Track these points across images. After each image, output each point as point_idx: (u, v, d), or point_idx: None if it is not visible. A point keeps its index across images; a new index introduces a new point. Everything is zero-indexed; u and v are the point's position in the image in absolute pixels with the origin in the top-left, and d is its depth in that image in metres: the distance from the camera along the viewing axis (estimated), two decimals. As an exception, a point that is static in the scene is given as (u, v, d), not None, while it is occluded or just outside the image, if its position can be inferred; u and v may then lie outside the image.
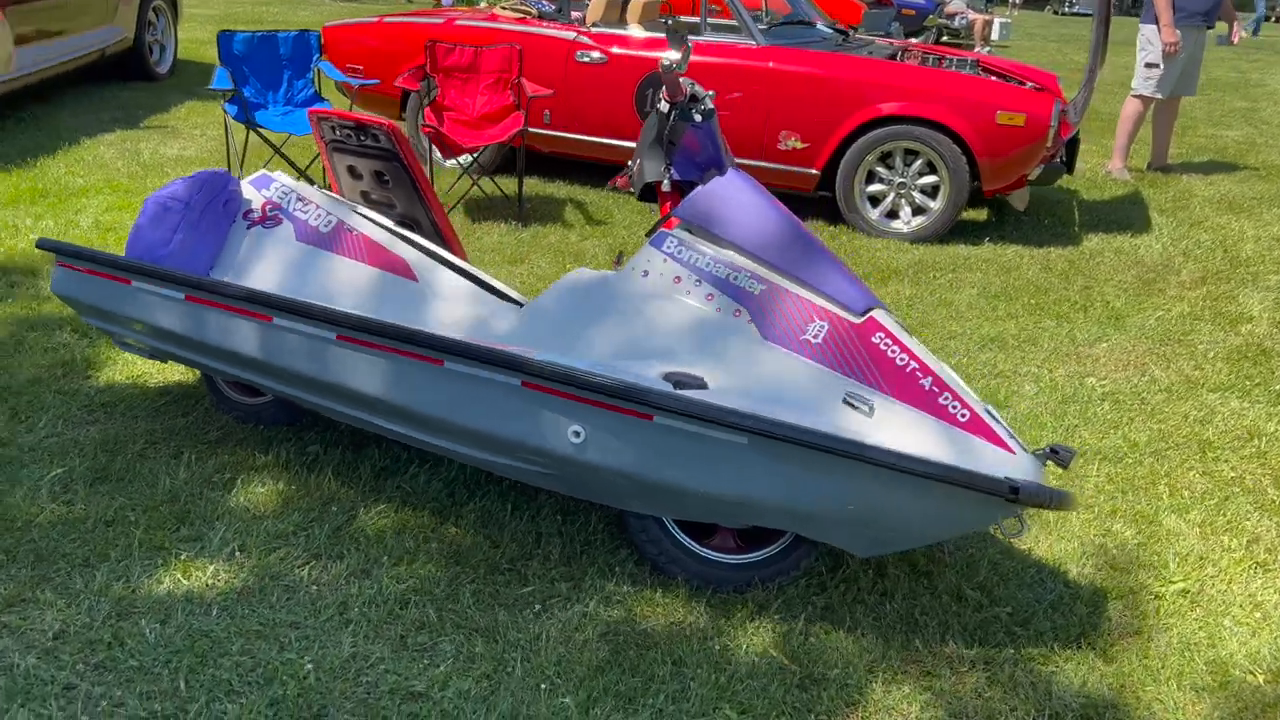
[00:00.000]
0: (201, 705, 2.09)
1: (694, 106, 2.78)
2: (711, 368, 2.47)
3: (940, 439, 2.33)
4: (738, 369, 2.46)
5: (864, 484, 2.26)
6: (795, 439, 2.19)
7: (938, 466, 2.18)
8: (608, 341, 2.56)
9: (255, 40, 5.46)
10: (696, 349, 2.50)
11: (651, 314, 2.57)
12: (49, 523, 2.65)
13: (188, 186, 3.02)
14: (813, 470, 2.26)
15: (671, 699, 2.20)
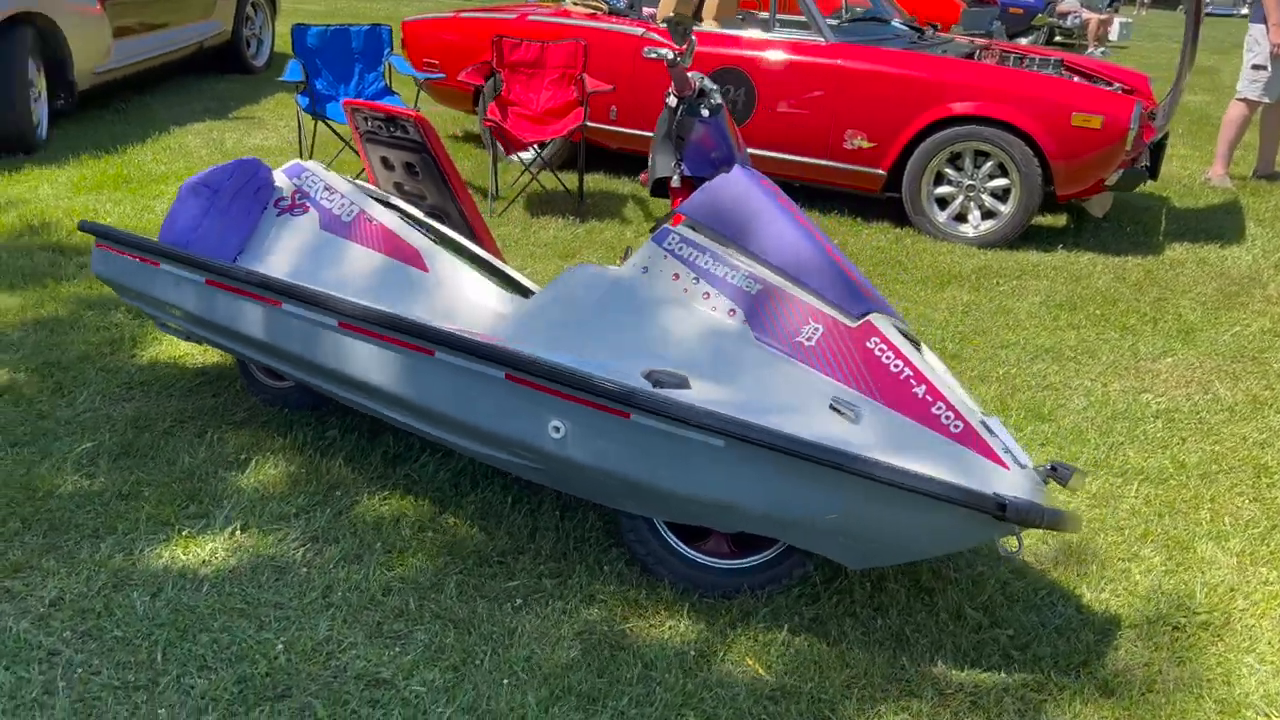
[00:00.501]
0: (173, 678, 2.14)
1: (702, 102, 2.73)
2: (699, 367, 2.42)
3: (929, 450, 2.23)
4: (726, 369, 2.41)
5: (844, 493, 2.18)
6: (770, 444, 2.13)
7: (918, 478, 2.09)
8: (600, 337, 2.53)
9: (328, 34, 5.59)
10: (687, 347, 2.46)
11: (646, 311, 2.53)
12: (68, 494, 2.76)
13: (219, 173, 3.11)
14: (790, 477, 2.20)
15: (635, 702, 2.17)
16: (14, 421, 3.10)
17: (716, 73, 5.78)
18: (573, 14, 6.31)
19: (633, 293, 2.57)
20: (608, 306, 2.57)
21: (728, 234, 2.57)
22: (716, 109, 2.74)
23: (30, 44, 5.78)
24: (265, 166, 3.18)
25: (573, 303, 2.63)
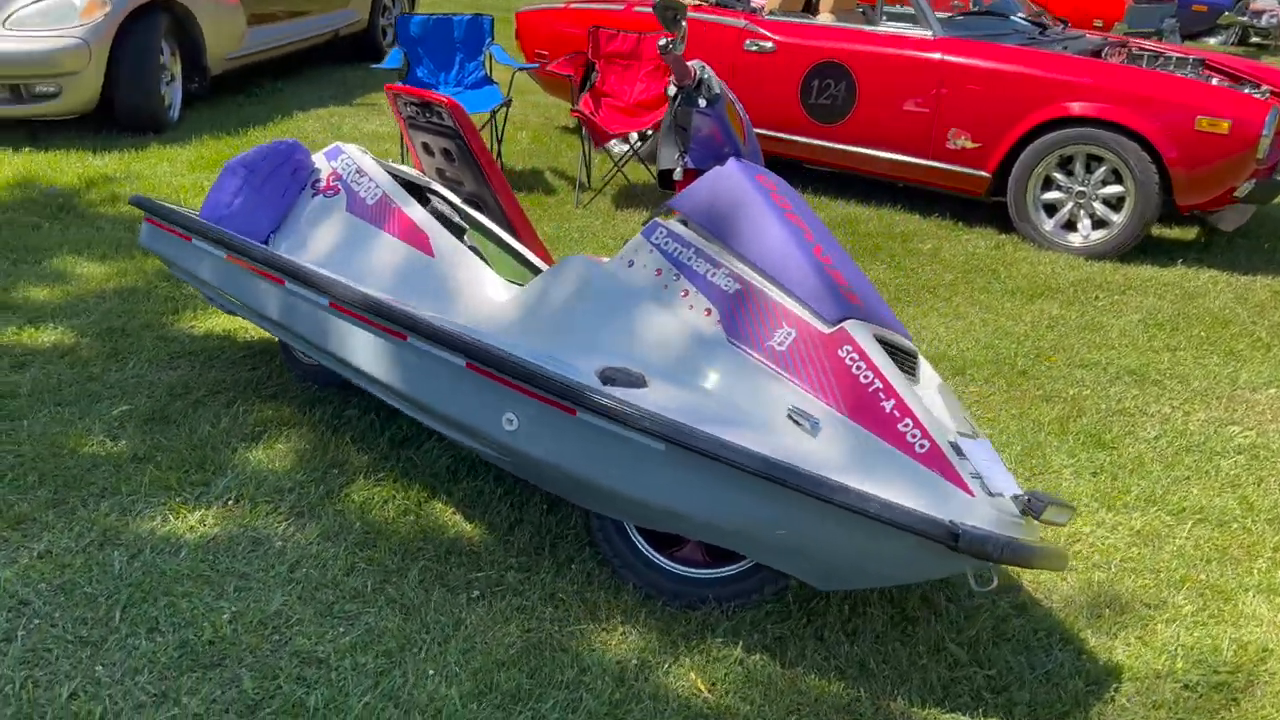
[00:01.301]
0: (121, 637, 2.21)
1: (701, 91, 2.62)
2: (664, 367, 2.33)
3: (889, 469, 2.08)
4: (690, 371, 2.31)
5: (788, 508, 2.05)
6: (704, 450, 2.02)
7: (861, 499, 1.95)
8: (575, 330, 2.47)
9: (431, 23, 5.71)
10: (655, 346, 2.37)
11: (622, 306, 2.46)
12: (89, 453, 2.90)
13: (256, 153, 3.20)
14: (731, 487, 2.08)
15: (558, 706, 2.10)
16: (66, 381, 3.29)
17: (816, 67, 5.60)
18: (679, 5, 6.22)
19: (614, 287, 2.50)
20: (589, 300, 2.51)
21: (714, 230, 2.46)
22: (715, 99, 2.63)
23: (165, 29, 6.14)
24: (304, 149, 3.25)
25: (559, 294, 2.58)
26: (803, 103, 5.72)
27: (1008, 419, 3.47)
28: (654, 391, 2.24)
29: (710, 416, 2.16)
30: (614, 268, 2.54)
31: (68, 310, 3.79)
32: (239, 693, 2.09)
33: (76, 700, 2.04)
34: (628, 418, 2.07)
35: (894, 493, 2.03)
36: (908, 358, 2.39)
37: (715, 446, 2.01)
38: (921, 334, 4.11)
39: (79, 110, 5.88)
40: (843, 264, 2.45)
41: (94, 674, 2.11)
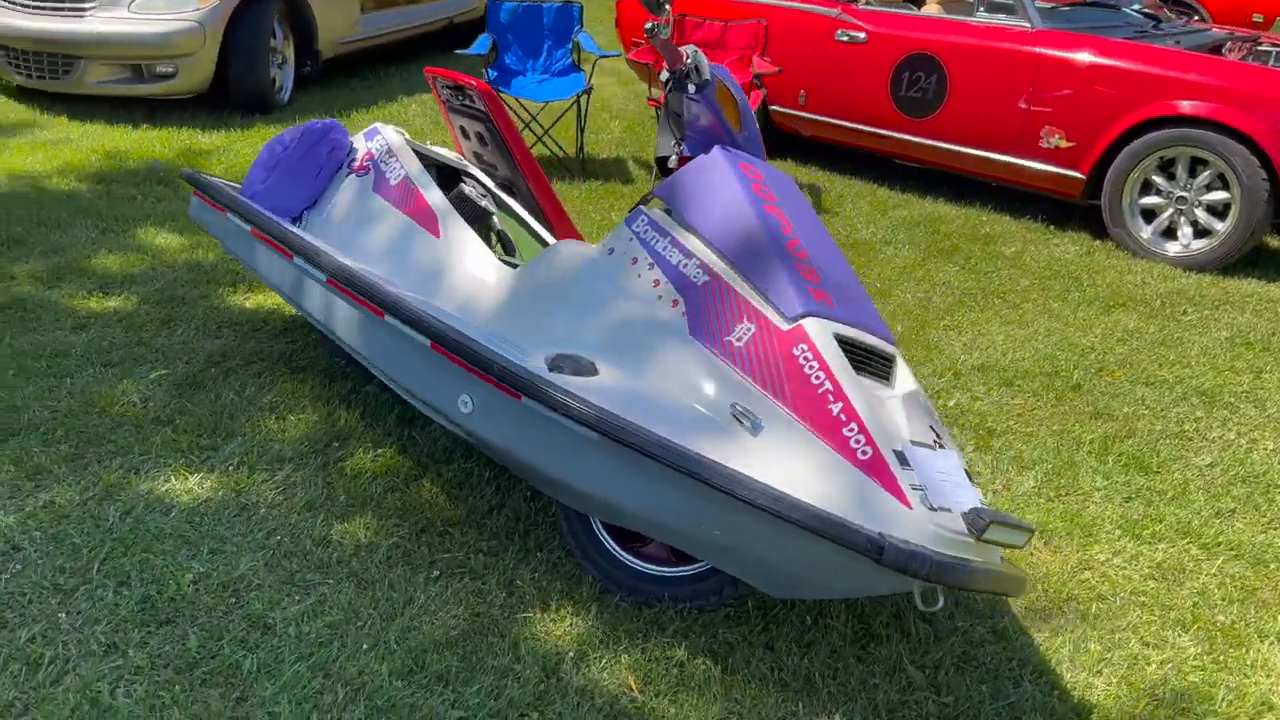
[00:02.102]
0: (92, 588, 2.33)
1: (690, 78, 2.55)
2: (620, 356, 2.29)
3: (827, 474, 1.99)
4: (645, 361, 2.26)
5: (714, 507, 1.98)
6: (624, 441, 1.97)
7: (780, 502, 1.86)
8: (546, 314, 2.46)
9: (521, 10, 5.77)
10: (617, 334, 2.33)
11: (595, 294, 2.43)
12: (117, 413, 3.06)
13: (293, 133, 3.31)
14: (660, 481, 2.02)
15: (482, 691, 2.10)
16: (117, 345, 3.48)
17: (907, 59, 5.40)
18: (773, -6, 6.11)
19: (591, 274, 2.47)
20: (566, 285, 2.49)
21: (691, 220, 2.40)
22: (704, 84, 2.55)
23: (279, 15, 6.41)
24: (341, 129, 3.34)
25: (542, 278, 2.57)
26: (892, 96, 5.52)
27: (1045, 434, 3.27)
28: (601, 380, 2.20)
29: (651, 409, 2.11)
30: (595, 254, 2.51)
31: (137, 278, 4.00)
32: (183, 649, 2.16)
33: (33, 644, 2.15)
34: (561, 405, 2.05)
35: (828, 498, 1.94)
36: (881, 360, 2.27)
37: (637, 438, 1.96)
38: (976, 341, 3.91)
39: (193, 90, 6.20)
40: (822, 260, 2.35)
41: (57, 620, 2.23)
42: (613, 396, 2.13)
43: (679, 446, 1.94)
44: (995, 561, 2.03)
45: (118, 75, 6.06)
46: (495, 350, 2.22)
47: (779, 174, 2.58)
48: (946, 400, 3.46)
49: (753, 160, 2.53)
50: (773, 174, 2.54)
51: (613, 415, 2.00)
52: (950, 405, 3.43)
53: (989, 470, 3.06)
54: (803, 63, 5.80)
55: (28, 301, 3.73)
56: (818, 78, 5.79)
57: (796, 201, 2.49)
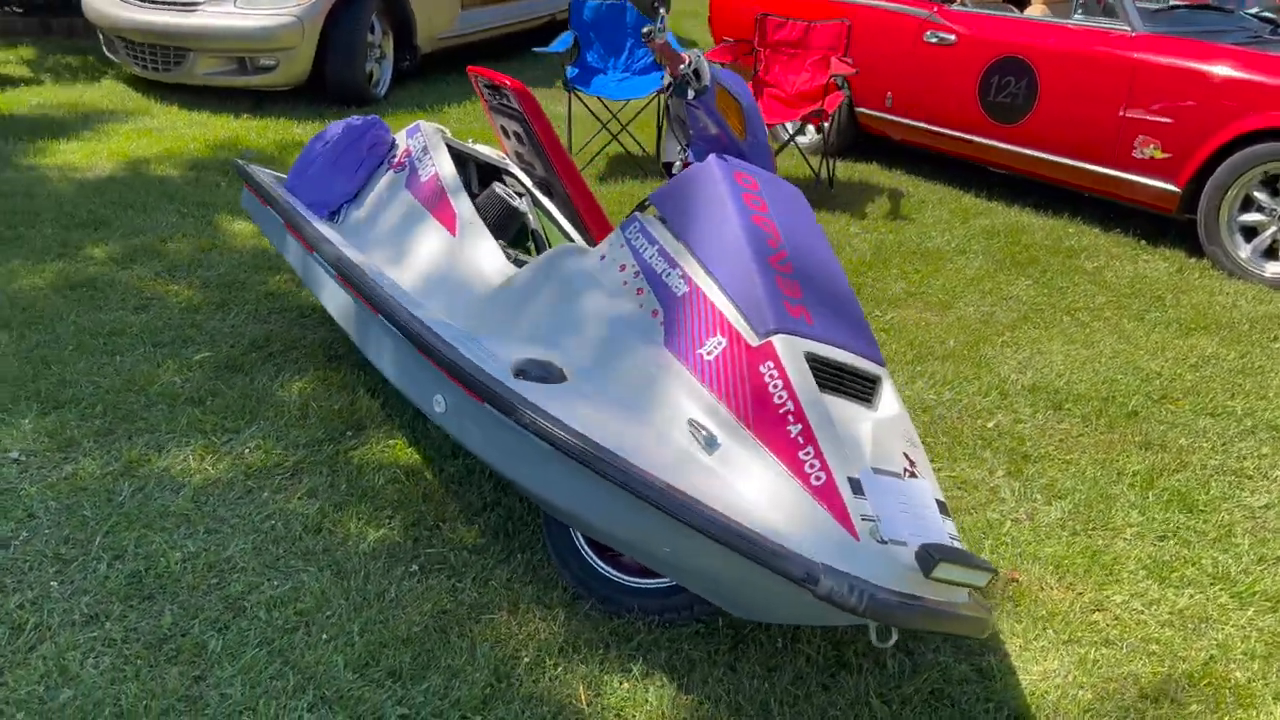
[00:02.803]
0: (89, 559, 2.43)
1: (689, 82, 2.48)
2: (594, 362, 2.26)
3: (778, 497, 1.91)
4: (616, 369, 2.22)
5: (662, 525, 1.93)
6: (566, 450, 1.94)
7: (713, 524, 1.80)
8: (531, 317, 2.45)
9: (604, 8, 5.77)
10: (595, 341, 2.30)
11: (580, 298, 2.40)
12: (155, 391, 3.19)
13: (334, 128, 3.39)
14: (609, 494, 1.98)
15: (429, 691, 2.10)
16: (170, 326, 3.63)
17: (996, 62, 5.17)
18: (865, -7, 5.94)
19: (581, 279, 2.45)
20: (556, 288, 2.48)
21: (679, 229, 2.35)
22: (702, 90, 2.48)
23: (378, 10, 6.58)
24: (384, 126, 3.41)
25: (537, 280, 2.56)
26: (980, 100, 5.31)
27: (1086, 463, 3.08)
28: (563, 387, 2.17)
29: (607, 419, 2.07)
30: (589, 259, 2.49)
31: (203, 262, 4.17)
32: (156, 625, 2.24)
33: (22, 610, 2.26)
34: (512, 411, 2.03)
35: (773, 522, 1.87)
36: (863, 382, 2.18)
37: (578, 447, 1.92)
38: (1032, 360, 3.72)
39: (292, 83, 6.43)
40: (811, 275, 2.26)
41: (49, 589, 2.33)
42: (570, 404, 2.10)
43: (620, 459, 1.90)
44: (956, 599, 1.92)
45: (224, 67, 6.33)
46: (463, 352, 2.22)
47: (782, 185, 2.50)
48: (986, 421, 3.30)
49: (751, 169, 2.45)
50: (773, 184, 2.46)
51: (560, 423, 1.97)
52: (989, 426, 3.27)
53: (1014, 498, 2.91)
54: (890, 64, 5.63)
55: (98, 281, 3.93)
56: (905, 80, 5.61)
57: (795, 214, 2.41)
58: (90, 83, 6.94)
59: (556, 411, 2.02)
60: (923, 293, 4.29)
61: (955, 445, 3.16)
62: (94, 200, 4.75)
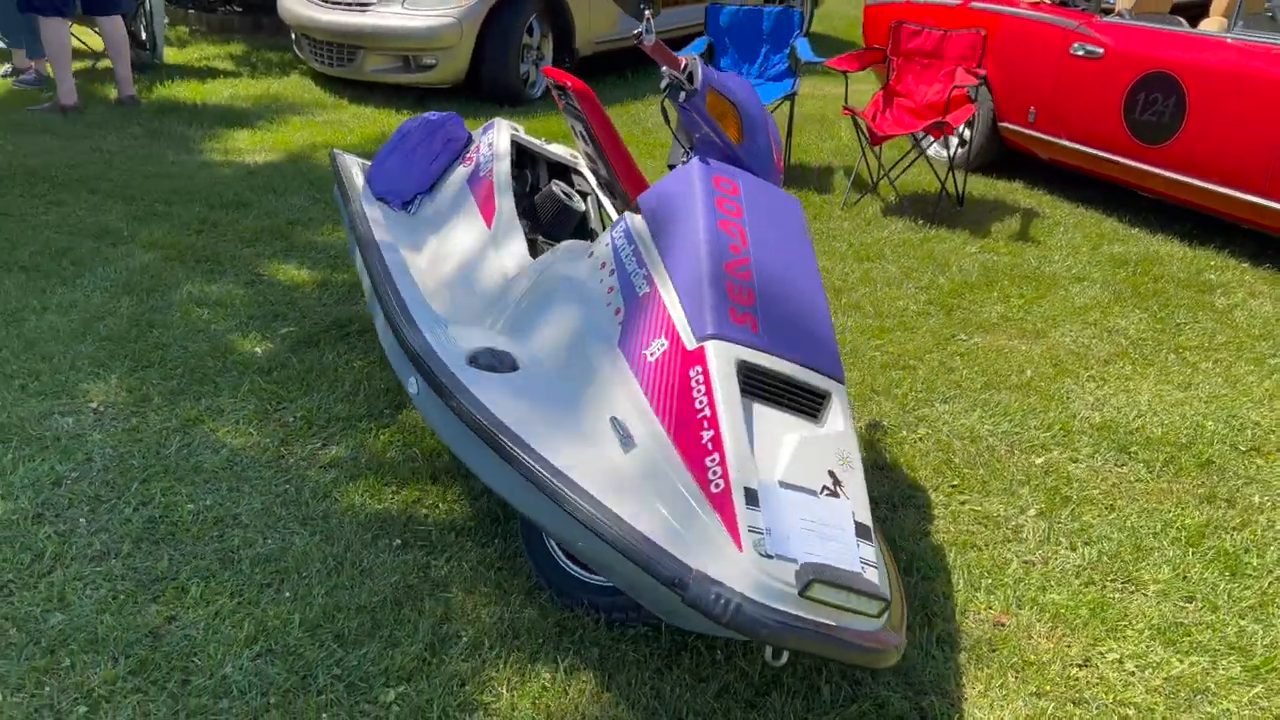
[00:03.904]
0: (120, 502, 2.69)
1: (684, 86, 2.47)
2: (552, 356, 2.31)
3: (674, 501, 1.91)
4: (568, 364, 2.27)
5: (564, 519, 1.96)
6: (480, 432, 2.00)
7: (589, 518, 1.82)
8: (517, 311, 2.52)
9: (740, 14, 5.77)
10: (559, 336, 2.36)
11: (560, 294, 2.46)
12: (233, 359, 3.48)
13: (411, 123, 3.58)
14: (525, 486, 2.03)
15: (366, 656, 2.21)
16: (270, 300, 3.94)
17: (1143, 78, 4.82)
18: (1018, 2, 5.67)
19: (569, 275, 2.50)
20: (549, 282, 2.54)
21: (654, 230, 2.36)
22: (692, 93, 2.45)
23: (539, 13, 6.84)
24: (459, 122, 3.58)
25: (539, 274, 2.64)
26: (1125, 118, 4.96)
27: (1131, 511, 2.86)
28: (509, 378, 2.23)
29: (535, 411, 2.11)
30: (584, 258, 2.54)
31: (317, 245, 4.49)
32: (152, 567, 2.46)
33: (49, 540, 2.54)
34: (441, 392, 2.11)
35: (665, 526, 1.86)
36: (810, 396, 2.12)
37: (490, 434, 1.98)
38: (1112, 398, 3.47)
39: (449, 81, 6.77)
40: (773, 286, 2.22)
41: (78, 524, 2.61)
42: (501, 393, 2.15)
43: (529, 447, 1.95)
44: (860, 626, 1.84)
45: (389, 64, 6.75)
46: (426, 336, 2.32)
47: (774, 193, 2.46)
48: (1035, 456, 3.11)
49: (737, 175, 2.43)
50: (760, 191, 2.42)
51: (481, 408, 2.04)
52: (1036, 463, 3.08)
53: (1036, 539, 2.74)
54: (1035, 77, 5.35)
55: (221, 256, 4.30)
56: (1049, 94, 5.31)
57: (776, 223, 2.37)
58: (281, 77, 7.56)
59: (482, 397, 2.08)
60: (1019, 319, 4.07)
61: (991, 479, 3.00)
62: (243, 184, 5.19)
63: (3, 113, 6.25)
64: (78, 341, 3.53)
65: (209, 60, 7.96)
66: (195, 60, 7.93)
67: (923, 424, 3.29)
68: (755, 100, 2.64)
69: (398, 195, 3.54)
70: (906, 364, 3.67)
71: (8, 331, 3.57)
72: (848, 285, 4.32)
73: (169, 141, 5.87)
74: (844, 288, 4.29)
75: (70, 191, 4.99)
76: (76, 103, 6.30)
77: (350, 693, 2.13)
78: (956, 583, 2.56)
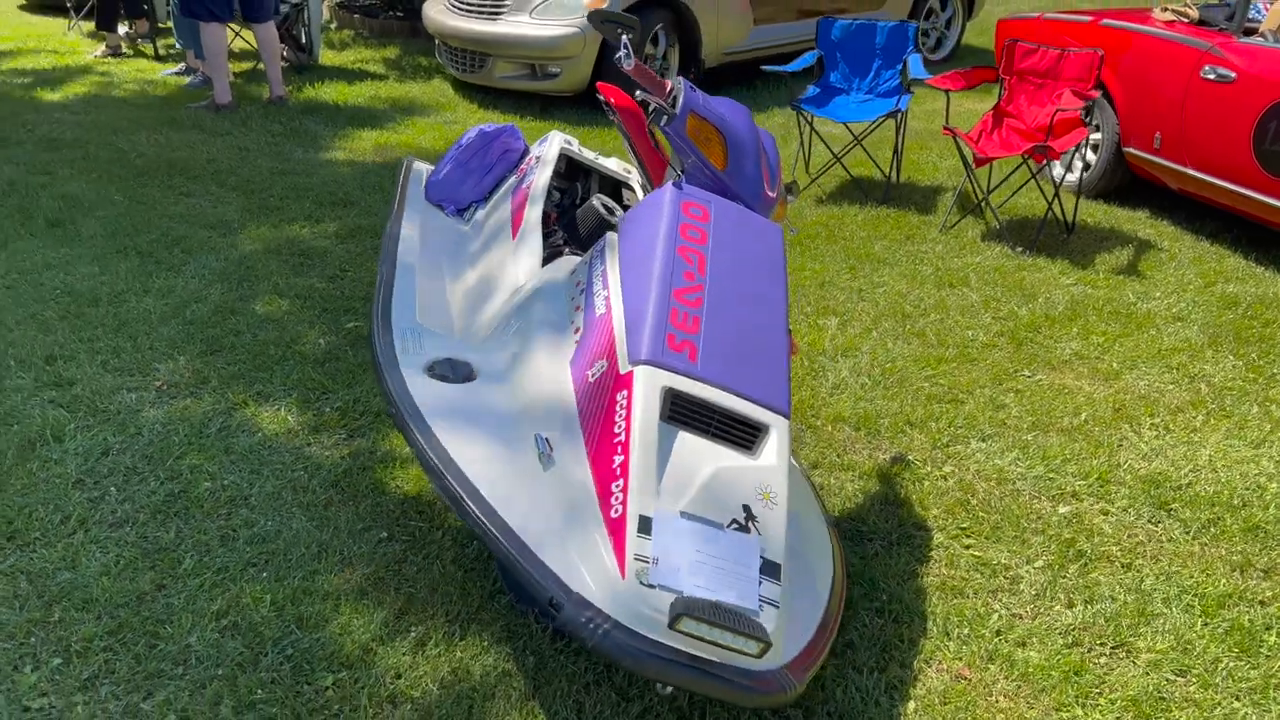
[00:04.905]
0: (150, 475, 2.92)
1: (664, 108, 2.46)
2: (512, 370, 2.36)
3: (574, 523, 1.94)
4: (522, 379, 2.32)
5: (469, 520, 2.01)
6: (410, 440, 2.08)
7: (488, 530, 1.86)
8: (502, 322, 2.59)
9: (853, 28, 5.66)
10: (520, 352, 2.40)
11: (537, 310, 2.51)
12: (296, 350, 3.70)
13: (472, 132, 3.71)
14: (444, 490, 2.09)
15: (317, 639, 2.33)
16: (345, 295, 4.17)
17: (1275, 106, 4.45)
18: (1150, 20, 5.33)
19: (550, 290, 2.56)
20: (531, 299, 2.60)
21: (622, 251, 2.38)
22: (672, 118, 2.43)
23: (665, 23, 6.92)
24: (517, 134, 3.69)
25: (534, 287, 2.70)
26: (1255, 149, 4.59)
27: (1150, 573, 2.67)
28: (458, 388, 2.29)
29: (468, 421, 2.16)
30: (565, 273, 2.58)
31: (405, 244, 4.70)
32: (158, 538, 2.67)
33: (79, 505, 2.79)
34: (390, 403, 2.20)
35: (560, 547, 1.89)
36: (745, 428, 2.09)
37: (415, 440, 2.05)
38: (1169, 450, 3.23)
39: (571, 90, 6.93)
40: (725, 315, 2.20)
41: (109, 491, 2.85)
42: (440, 401, 2.21)
43: (447, 458, 2.01)
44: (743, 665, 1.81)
45: (517, 71, 6.97)
46: (395, 343, 2.42)
47: (751, 221, 2.43)
48: (1060, 505, 2.95)
49: (711, 200, 2.41)
50: (734, 219, 2.40)
51: (417, 418, 2.11)
52: (1060, 512, 2.92)
53: (1032, 592, 2.60)
54: (1162, 100, 5.02)
55: (313, 250, 4.58)
56: (1176, 119, 4.97)
57: (744, 253, 2.34)
58: (423, 82, 7.92)
59: (418, 403, 2.16)
60: (1094, 358, 3.84)
61: (1005, 524, 2.86)
62: (354, 183, 5.49)
63: (165, 109, 6.83)
64: (164, 324, 3.83)
65: (363, 63, 8.42)
66: (350, 63, 8.41)
67: (951, 461, 3.16)
68: (746, 125, 2.61)
69: (452, 202, 3.68)
70: (954, 397, 3.53)
71: (108, 311, 3.92)
72: (918, 311, 4.18)
73: (301, 140, 6.27)
74: (913, 314, 4.16)
75: (201, 184, 5.41)
76: (230, 102, 6.80)
77: (294, 674, 2.25)
78: (930, 629, 2.47)
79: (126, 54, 8.44)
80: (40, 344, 3.64)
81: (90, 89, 7.34)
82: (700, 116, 2.50)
